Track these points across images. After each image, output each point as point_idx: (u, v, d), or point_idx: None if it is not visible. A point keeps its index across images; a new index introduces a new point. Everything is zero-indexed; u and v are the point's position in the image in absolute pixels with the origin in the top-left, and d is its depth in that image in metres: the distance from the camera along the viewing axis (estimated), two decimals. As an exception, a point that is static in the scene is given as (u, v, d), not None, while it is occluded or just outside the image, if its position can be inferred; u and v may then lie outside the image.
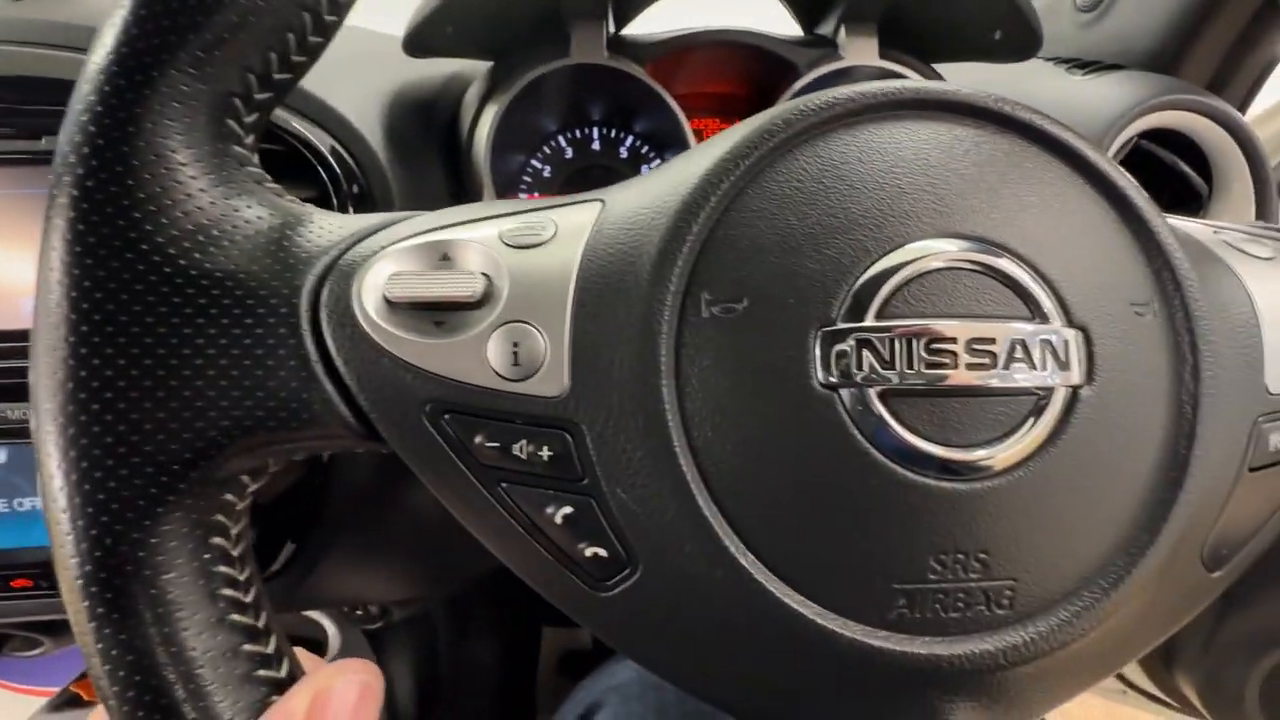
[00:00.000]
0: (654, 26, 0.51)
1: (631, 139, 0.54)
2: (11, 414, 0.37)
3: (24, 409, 0.38)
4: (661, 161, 0.54)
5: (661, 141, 0.52)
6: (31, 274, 0.20)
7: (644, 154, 0.54)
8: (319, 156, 0.39)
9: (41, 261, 0.19)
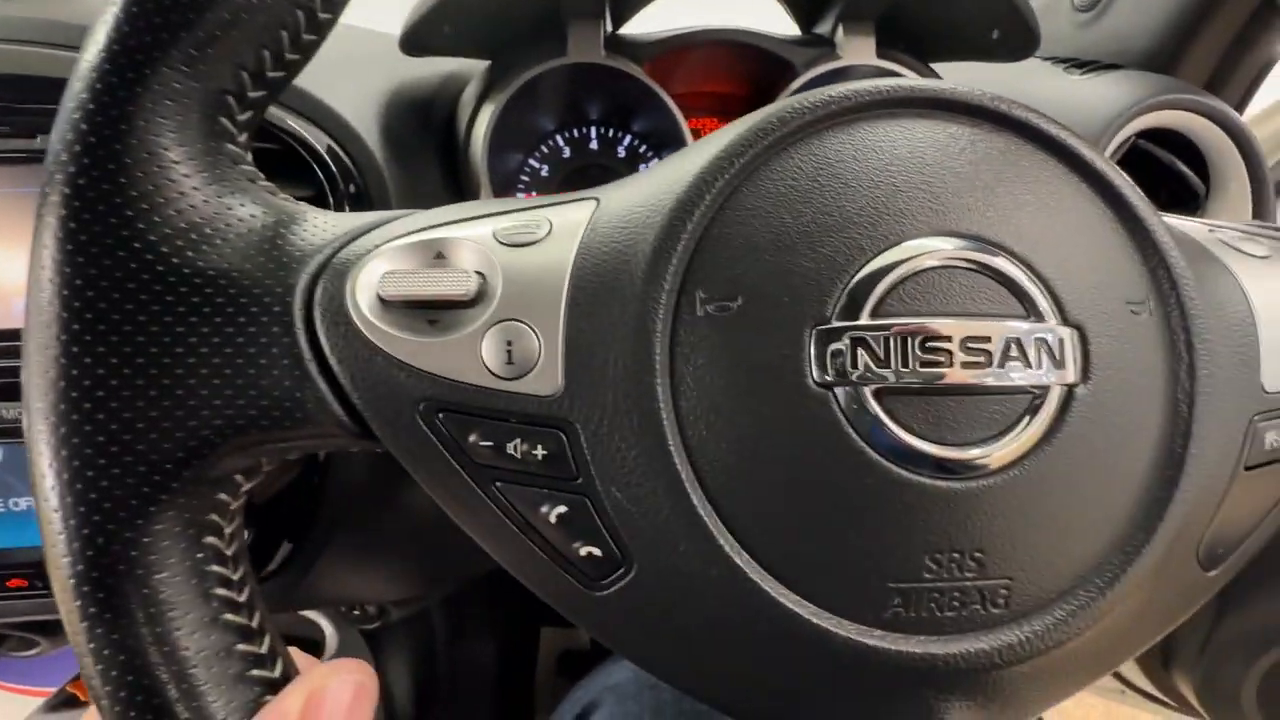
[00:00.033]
0: (652, 26, 0.51)
1: (629, 138, 0.53)
2: (6, 413, 0.37)
3: (18, 408, 0.37)
4: (659, 161, 0.54)
5: (659, 141, 0.52)
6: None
7: (642, 153, 0.54)
8: (315, 156, 0.39)
9: (33, 259, 0.19)
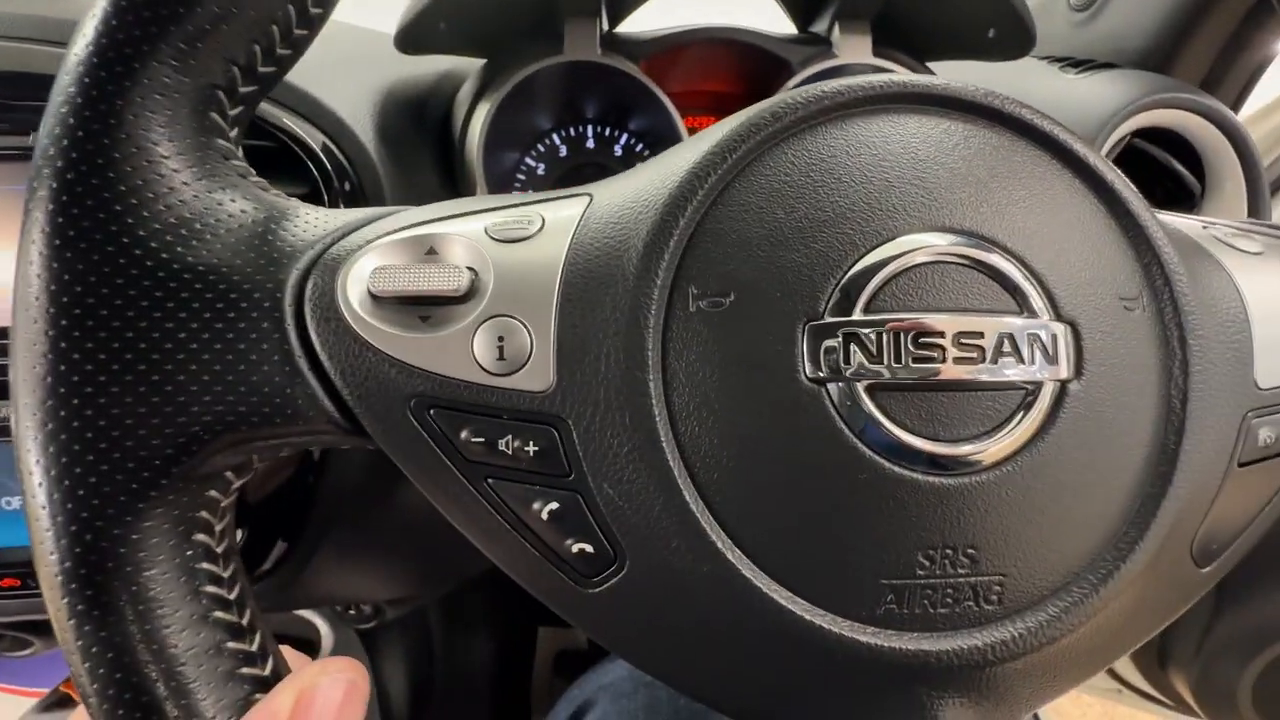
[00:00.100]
0: (648, 24, 0.51)
1: (626, 137, 0.53)
2: (-1, 411, 0.37)
3: (9, 406, 0.37)
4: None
5: (656, 139, 0.52)
6: (18, 270, 0.20)
7: (638, 152, 0.54)
8: (310, 153, 0.39)
9: (20, 255, 0.19)
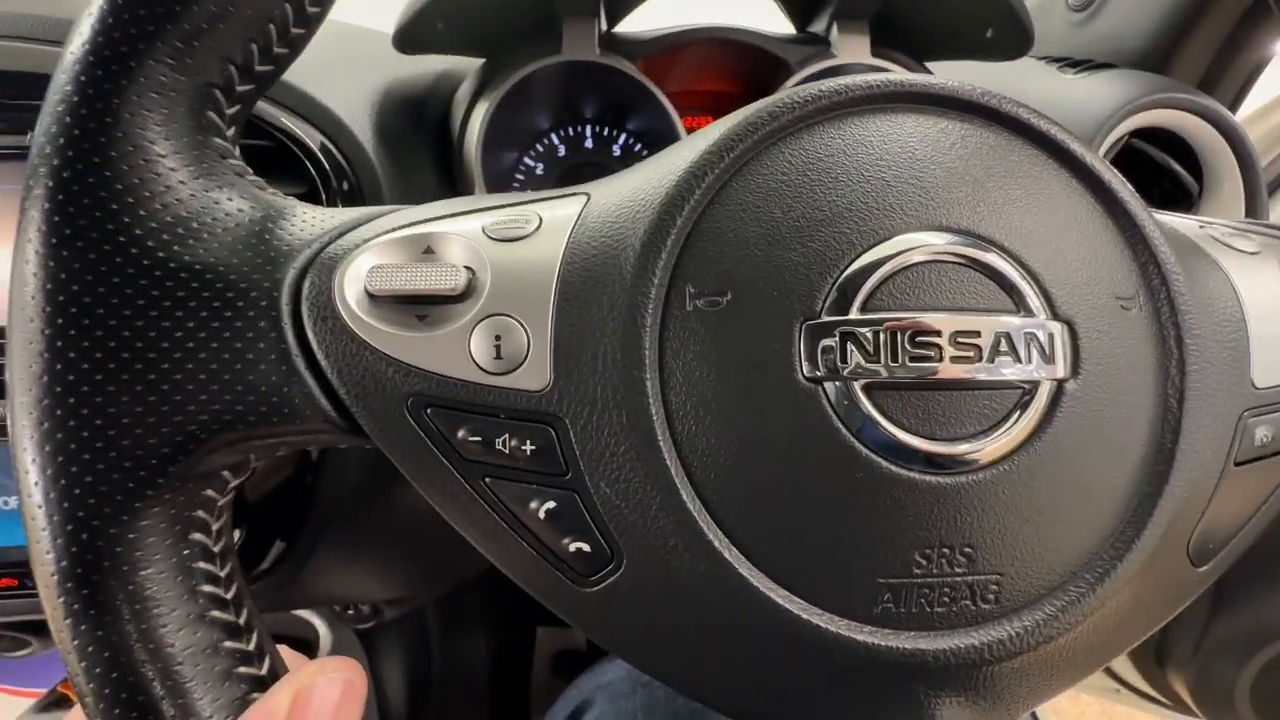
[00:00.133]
0: (647, 24, 0.51)
1: (624, 136, 0.53)
2: (-4, 411, 0.37)
3: (3, 405, 0.37)
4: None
5: (654, 139, 0.52)
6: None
7: (637, 152, 0.54)
8: (308, 153, 0.39)
9: (16, 253, 0.19)
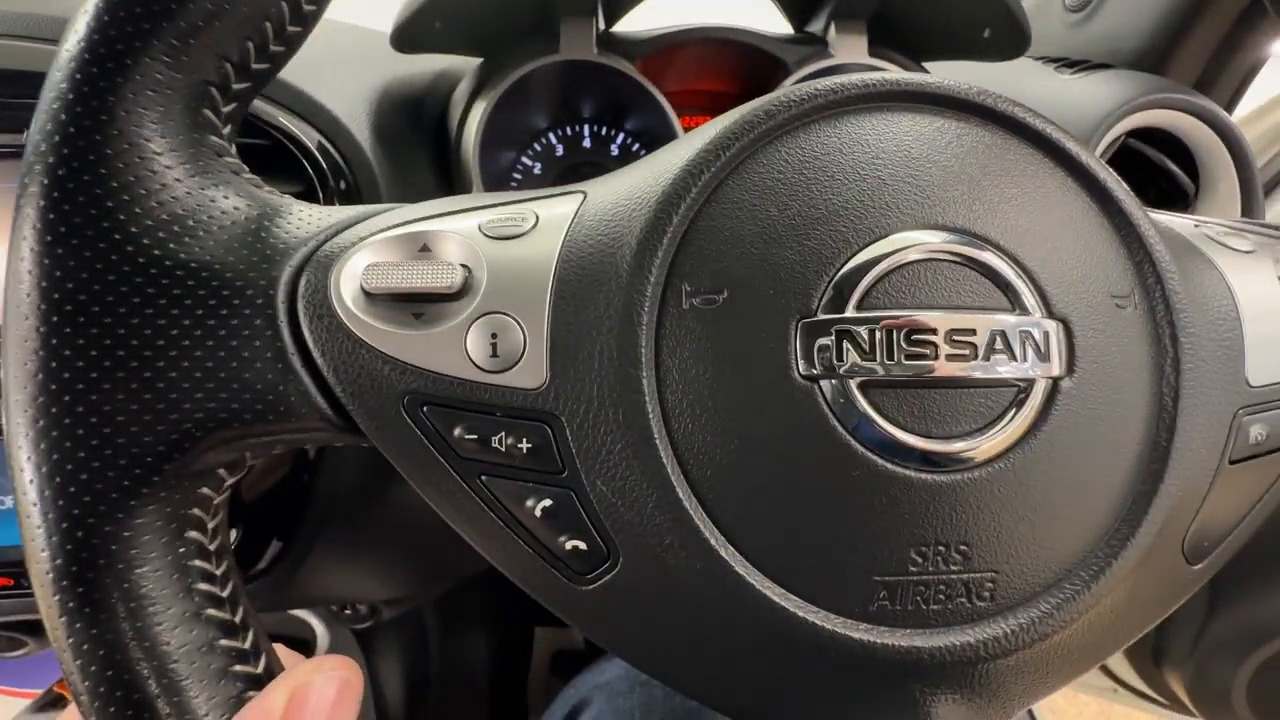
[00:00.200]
0: (644, 23, 0.51)
1: (622, 136, 0.53)
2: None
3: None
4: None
5: (652, 139, 0.52)
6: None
7: (635, 151, 0.54)
8: (305, 151, 0.39)
9: (11, 251, 0.19)
